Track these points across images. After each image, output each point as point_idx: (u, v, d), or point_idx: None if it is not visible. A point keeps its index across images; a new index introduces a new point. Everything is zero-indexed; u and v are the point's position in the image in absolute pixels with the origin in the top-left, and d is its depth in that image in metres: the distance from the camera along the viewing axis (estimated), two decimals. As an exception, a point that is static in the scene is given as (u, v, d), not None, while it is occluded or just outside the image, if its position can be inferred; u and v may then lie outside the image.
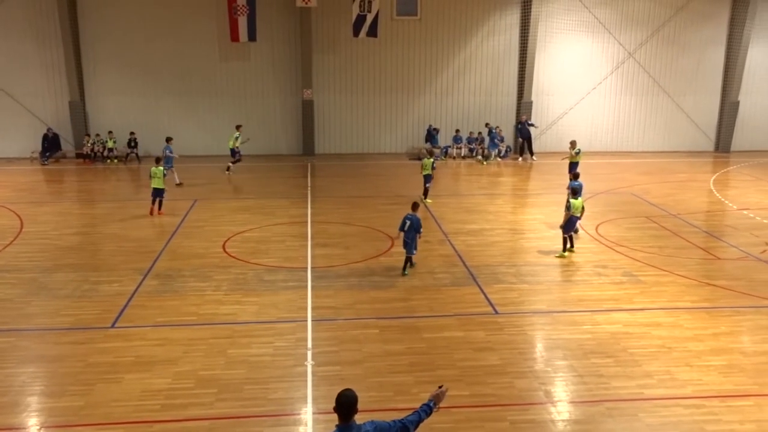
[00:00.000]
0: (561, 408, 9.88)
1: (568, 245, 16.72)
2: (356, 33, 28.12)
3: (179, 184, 23.71)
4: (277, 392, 10.16)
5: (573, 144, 23.17)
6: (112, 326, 12.42)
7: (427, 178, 21.53)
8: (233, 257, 16.28)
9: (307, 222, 19.37)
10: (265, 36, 28.43)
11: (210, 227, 18.78)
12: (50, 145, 28.53)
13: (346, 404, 5.99)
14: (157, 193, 20.17)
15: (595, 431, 9.26)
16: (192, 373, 10.67)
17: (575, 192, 16.67)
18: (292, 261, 16.04)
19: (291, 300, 13.67)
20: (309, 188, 23.65)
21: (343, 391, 6.11)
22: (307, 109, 29.25)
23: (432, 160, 21.74)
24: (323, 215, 20.08)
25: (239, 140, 25.62)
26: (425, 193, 21.63)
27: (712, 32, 30.78)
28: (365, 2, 27.77)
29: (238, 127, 25.85)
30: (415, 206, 15.40)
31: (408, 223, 15.02)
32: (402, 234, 15.11)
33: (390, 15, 29.13)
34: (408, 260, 15.26)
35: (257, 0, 27.67)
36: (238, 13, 27.58)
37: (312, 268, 15.56)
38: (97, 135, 28.71)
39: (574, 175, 18.47)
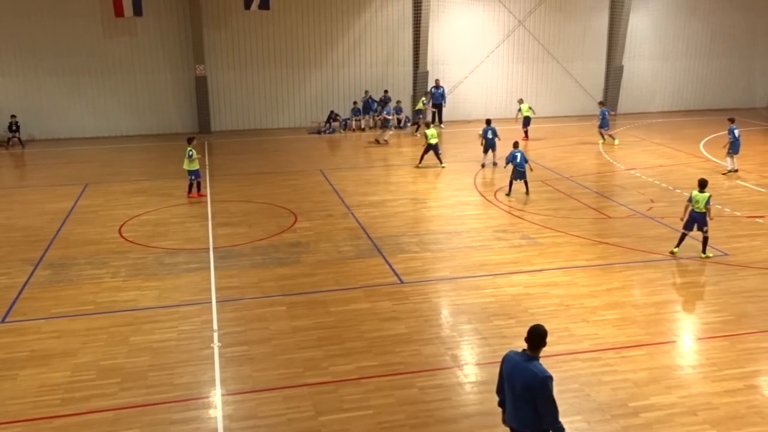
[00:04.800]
0: (467, 371, 10.16)
1: (693, 245, 14.80)
2: (247, 5, 27.36)
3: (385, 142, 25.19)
4: (183, 377, 9.96)
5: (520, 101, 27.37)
6: (2, 321, 11.78)
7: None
8: (131, 242, 15.73)
9: (206, 201, 18.92)
10: (152, 10, 27.31)
11: (104, 212, 18.04)
12: None
13: (534, 335, 6.67)
14: (195, 175, 19.20)
15: (501, 390, 9.57)
16: (92, 363, 10.29)
17: (702, 185, 14.29)
18: (193, 242, 15.66)
19: (194, 282, 13.37)
20: (207, 167, 23.04)
21: (535, 324, 6.78)
22: (201, 85, 28.41)
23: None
24: (223, 194, 19.67)
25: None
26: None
27: (596, -1, 31.94)
28: (255, -26, 27.07)
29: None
30: (516, 144, 19.45)
31: (518, 156, 18.86)
32: (512, 165, 19.01)
33: (282, -14, 28.59)
34: (512, 183, 19.07)
35: (141, -28, 26.49)
36: (122, -14, 26.30)
37: (214, 248, 15.25)
38: (-26, 120, 26.92)
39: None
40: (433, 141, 22.52)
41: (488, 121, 23.24)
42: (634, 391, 9.47)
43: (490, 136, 22.65)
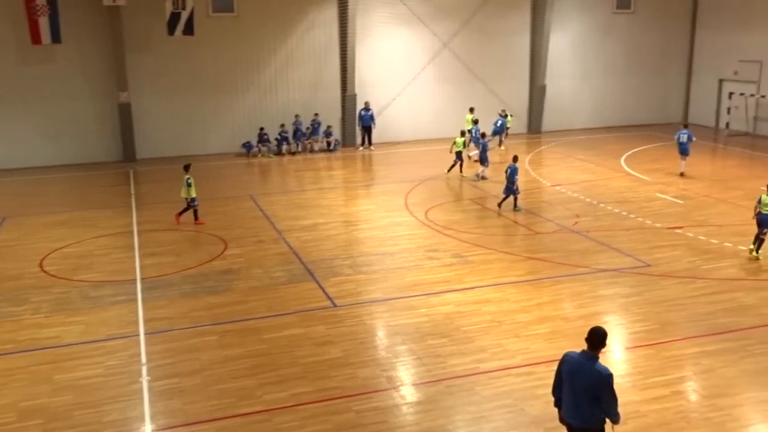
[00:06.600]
0: (404, 392, 10.15)
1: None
2: (171, 31, 27.01)
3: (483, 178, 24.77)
4: (111, 414, 9.62)
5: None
6: None
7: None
8: (53, 276, 15.16)
9: (133, 231, 18.43)
10: (72, 36, 26.59)
11: (23, 246, 17.34)
12: None
13: (596, 336, 7.08)
14: (193, 202, 18.90)
15: (437, 410, 9.60)
16: (12, 405, 9.82)
17: None
18: (119, 274, 15.21)
19: (121, 315, 12.97)
20: (133, 196, 22.51)
21: (596, 326, 7.24)
22: (125, 113, 27.75)
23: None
24: (150, 223, 19.20)
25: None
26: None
27: (517, 21, 32.73)
28: (178, 0, 26.75)
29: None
30: (515, 158, 20.26)
31: (509, 170, 19.57)
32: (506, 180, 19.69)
33: (206, 12, 28.26)
34: (515, 199, 19.66)
35: (59, -1, 25.85)
36: (38, 13, 25.54)
37: (141, 279, 14.84)
38: None
39: None
40: (459, 149, 24.10)
41: (482, 135, 24.90)
42: (566, 403, 9.61)
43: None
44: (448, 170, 24.37)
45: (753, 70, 31.73)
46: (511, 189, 19.58)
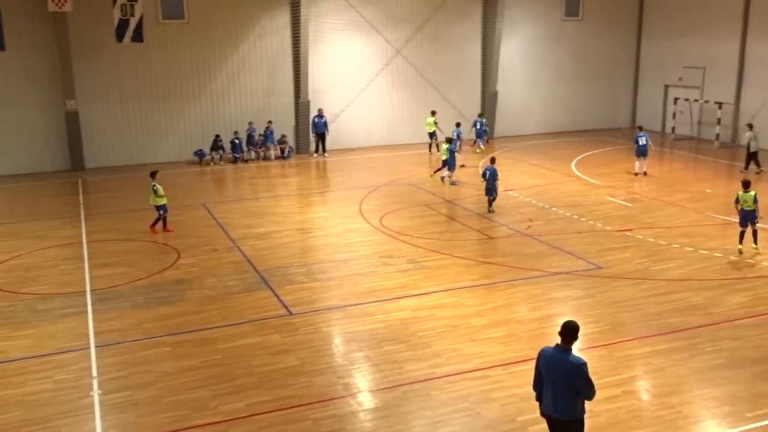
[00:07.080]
0: (360, 399, 10.13)
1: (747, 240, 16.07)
2: (120, 38, 26.58)
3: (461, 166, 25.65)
4: (62, 430, 9.39)
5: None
6: None
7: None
8: (-2, 289, 14.76)
9: (82, 242, 18.03)
10: (15, 43, 25.95)
11: (-33, 259, 16.86)
12: None
13: (567, 329, 7.35)
14: (164, 210, 18.69)
15: (394, 416, 9.61)
16: (-43, 424, 9.52)
17: (745, 185, 15.94)
18: (68, 286, 14.86)
19: (70, 328, 12.66)
20: (82, 206, 22.02)
21: (568, 320, 7.47)
22: (72, 121, 27.16)
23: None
24: (101, 233, 18.82)
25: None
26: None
27: (469, 28, 33.11)
28: (127, 6, 26.32)
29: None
30: (493, 160, 20.67)
31: (488, 173, 19.95)
32: (485, 181, 20.13)
33: (156, 18, 27.90)
34: (490, 202, 20.12)
35: (2, 5, 25.17)
36: (-20, 20, 24.90)
37: (92, 290, 14.52)
38: None
39: None
40: (445, 156, 24.04)
41: (449, 140, 24.34)
42: (521, 405, 9.72)
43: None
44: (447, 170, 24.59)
45: (696, 76, 32.69)
46: (492, 190, 20.04)
